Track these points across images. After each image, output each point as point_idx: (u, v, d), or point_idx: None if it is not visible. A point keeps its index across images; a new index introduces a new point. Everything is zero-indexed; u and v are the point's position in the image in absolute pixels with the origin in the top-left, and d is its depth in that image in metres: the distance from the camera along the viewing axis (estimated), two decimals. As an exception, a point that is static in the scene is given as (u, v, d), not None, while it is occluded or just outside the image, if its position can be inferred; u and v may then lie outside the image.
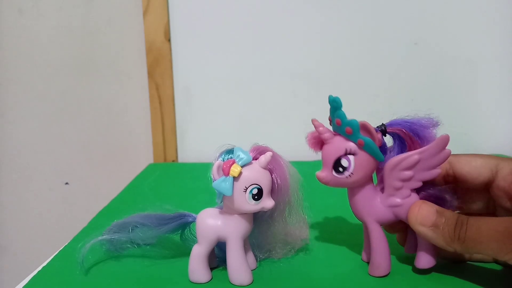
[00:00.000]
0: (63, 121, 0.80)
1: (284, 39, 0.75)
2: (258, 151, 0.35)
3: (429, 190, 0.35)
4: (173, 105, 0.76)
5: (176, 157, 0.78)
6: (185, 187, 0.63)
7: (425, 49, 0.74)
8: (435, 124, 0.35)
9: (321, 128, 0.35)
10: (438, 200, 0.35)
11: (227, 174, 0.33)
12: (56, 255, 0.42)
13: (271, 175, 0.35)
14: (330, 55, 0.75)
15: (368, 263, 0.38)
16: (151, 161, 0.79)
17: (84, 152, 0.81)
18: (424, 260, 0.36)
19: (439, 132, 0.35)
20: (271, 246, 0.39)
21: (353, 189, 0.36)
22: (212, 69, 0.76)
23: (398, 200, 0.35)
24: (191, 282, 0.36)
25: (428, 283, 0.35)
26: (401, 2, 0.73)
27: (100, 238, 0.39)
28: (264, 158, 0.34)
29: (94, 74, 0.78)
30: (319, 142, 0.36)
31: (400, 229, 0.39)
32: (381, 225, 0.36)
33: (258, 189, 0.34)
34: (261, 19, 0.74)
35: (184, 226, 0.39)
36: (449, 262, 0.38)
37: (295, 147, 0.74)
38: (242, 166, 0.34)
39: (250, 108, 0.77)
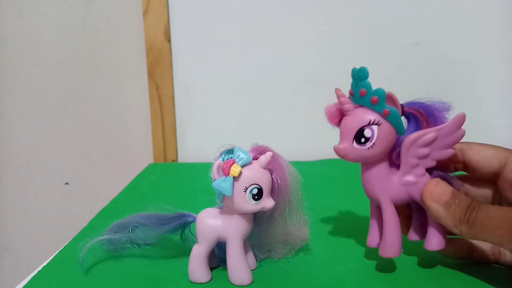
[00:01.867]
0: (63, 121, 0.80)
1: (284, 39, 0.75)
2: (258, 151, 0.35)
3: (441, 173, 0.35)
4: (173, 105, 0.76)
5: (176, 157, 0.78)
6: (185, 187, 0.63)
7: (425, 49, 0.74)
8: (448, 108, 0.36)
9: (343, 98, 0.34)
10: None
11: (227, 174, 0.33)
12: (56, 255, 0.42)
13: (271, 175, 0.35)
14: (330, 55, 0.75)
15: (375, 247, 0.37)
16: (151, 161, 0.79)
17: (84, 152, 0.81)
18: (435, 240, 0.35)
19: (451, 115, 0.35)
20: (271, 246, 0.39)
21: (368, 166, 0.35)
22: (212, 69, 0.76)
23: (413, 178, 0.35)
24: (191, 282, 0.36)
25: (432, 281, 0.35)
26: (401, 2, 0.73)
27: (100, 238, 0.39)
28: (264, 158, 0.34)
29: (94, 74, 0.78)
30: (338, 115, 0.35)
31: (405, 215, 0.38)
32: (394, 204, 0.35)
33: (258, 189, 0.34)
34: (261, 19, 0.74)
35: (184, 226, 0.39)
36: (453, 260, 0.38)
37: (295, 147, 0.74)
38: (242, 166, 0.34)
39: (250, 108, 0.77)
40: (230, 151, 0.35)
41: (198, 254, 0.36)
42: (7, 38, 0.78)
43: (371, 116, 0.34)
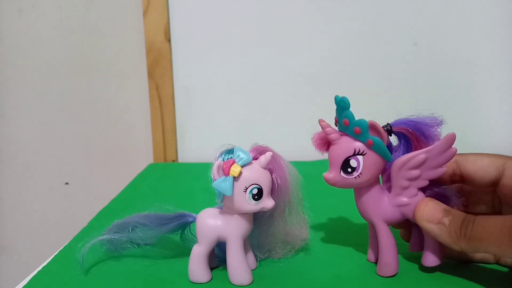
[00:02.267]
0: (63, 121, 0.80)
1: (284, 39, 0.75)
2: (258, 151, 0.35)
3: (435, 189, 0.35)
4: (173, 105, 0.76)
5: (176, 157, 0.78)
6: (185, 187, 0.63)
7: (425, 49, 0.74)
8: (439, 123, 0.35)
9: (328, 129, 0.35)
10: (443, 199, 0.35)
11: (227, 174, 0.33)
12: (56, 255, 0.42)
13: (271, 175, 0.35)
14: (330, 55, 0.75)
15: (374, 263, 0.38)
16: (151, 161, 0.79)
17: (84, 152, 0.81)
18: (431, 258, 0.36)
19: (443, 130, 0.35)
20: (271, 246, 0.39)
21: (360, 189, 0.36)
22: (212, 69, 0.76)
23: (405, 200, 0.35)
24: (191, 282, 0.36)
25: (432, 283, 0.35)
26: (401, 2, 0.73)
27: (100, 238, 0.39)
28: (264, 158, 0.34)
29: (94, 74, 0.78)
30: (325, 143, 0.36)
31: (404, 226, 0.39)
32: (388, 225, 0.36)
33: (258, 189, 0.34)
34: (261, 19, 0.74)
35: (184, 226, 0.39)
36: (454, 262, 0.38)
37: (295, 147, 0.74)
38: (242, 166, 0.34)
39: (250, 108, 0.77)
40: (230, 151, 0.35)
41: (198, 254, 0.36)
42: (7, 38, 0.78)
43: (356, 146, 0.34)
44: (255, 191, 0.34)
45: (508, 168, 0.34)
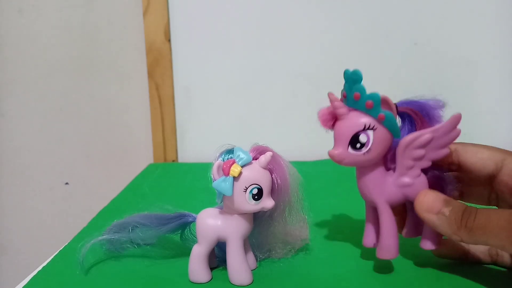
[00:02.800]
0: (63, 121, 0.80)
1: (284, 39, 0.75)
2: (258, 151, 0.35)
3: (436, 172, 0.35)
4: (173, 105, 0.76)
5: (176, 157, 0.78)
6: (185, 187, 0.63)
7: (425, 49, 0.74)
8: (442, 105, 0.35)
9: (337, 103, 0.33)
10: (440, 182, 0.35)
11: (227, 174, 0.33)
12: (56, 255, 0.42)
13: (271, 175, 0.35)
14: (330, 55, 0.75)
15: (372, 247, 0.37)
16: (151, 161, 0.79)
17: (84, 152, 0.81)
18: (430, 242, 0.35)
19: (446, 113, 0.35)
20: (271, 246, 0.39)
21: (364, 169, 0.35)
22: (212, 69, 0.76)
23: (408, 180, 0.34)
24: (191, 282, 0.36)
25: (431, 282, 0.35)
26: (401, 2, 0.73)
27: (100, 238, 0.39)
28: (264, 158, 0.34)
29: (94, 74, 0.78)
30: (331, 119, 0.34)
31: (399, 213, 0.38)
32: (390, 206, 0.35)
33: (258, 189, 0.34)
34: (262, 19, 0.74)
35: (184, 226, 0.39)
36: (448, 260, 0.38)
37: (295, 147, 0.74)
38: (242, 166, 0.34)
39: (250, 108, 0.77)
40: (230, 151, 0.35)
41: (198, 254, 0.36)
42: (7, 38, 0.78)
43: (366, 121, 0.33)
44: (255, 191, 0.34)
45: (506, 165, 0.33)
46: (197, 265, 0.36)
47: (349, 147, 0.33)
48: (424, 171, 0.35)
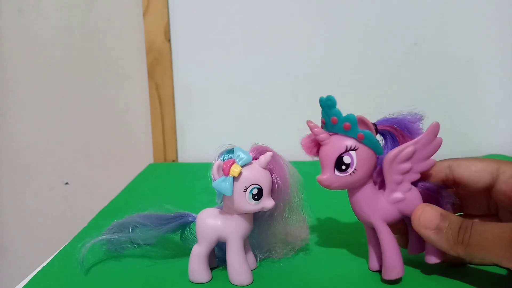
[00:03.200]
0: (63, 121, 0.80)
1: (284, 39, 0.75)
2: (258, 151, 0.35)
3: (427, 184, 0.35)
4: (173, 105, 0.76)
5: (176, 157, 0.78)
6: (185, 187, 0.63)
7: (425, 49, 0.74)
8: (420, 119, 0.35)
9: (316, 129, 0.34)
10: (435, 194, 0.35)
11: (227, 174, 0.33)
12: (56, 255, 0.42)
13: (271, 175, 0.35)
14: (329, 55, 0.75)
15: (377, 271, 0.37)
16: (151, 161, 0.79)
17: (84, 152, 0.81)
18: (434, 256, 0.35)
19: (425, 125, 0.35)
20: (271, 246, 0.39)
21: (355, 190, 0.35)
22: (212, 69, 0.76)
23: (400, 195, 0.35)
24: (191, 282, 0.36)
25: (432, 285, 0.35)
26: (401, 2, 0.73)
27: (100, 238, 0.39)
28: (264, 158, 0.34)
29: (94, 74, 0.78)
30: (314, 146, 0.35)
31: (401, 231, 0.38)
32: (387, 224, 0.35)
33: (258, 189, 0.34)
34: (261, 20, 0.74)
35: (184, 226, 0.39)
36: (449, 265, 0.38)
37: (295, 147, 0.74)
38: (242, 166, 0.34)
39: (250, 108, 0.77)
40: (230, 151, 0.35)
41: (198, 254, 0.36)
42: (7, 38, 0.78)
43: (347, 142, 0.34)
44: (255, 191, 0.34)
45: (502, 173, 0.33)
46: (197, 265, 0.36)
47: (335, 170, 0.34)
48: (417, 183, 0.35)
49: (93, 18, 0.77)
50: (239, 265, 0.35)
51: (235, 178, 0.34)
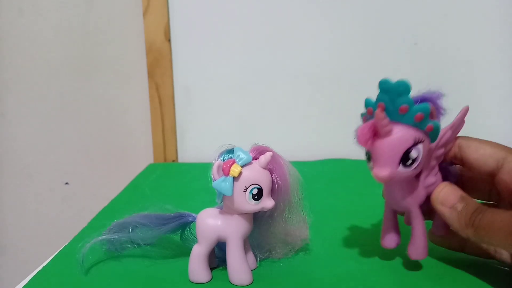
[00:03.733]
0: (63, 121, 0.80)
1: (284, 39, 0.75)
2: (258, 151, 0.35)
3: (442, 164, 0.36)
4: (173, 105, 0.76)
5: (176, 157, 0.78)
6: (185, 187, 0.63)
7: (425, 49, 0.74)
8: (441, 95, 0.35)
9: (385, 120, 0.31)
10: (444, 172, 0.36)
11: (227, 174, 0.33)
12: (56, 255, 0.42)
13: (271, 175, 0.35)
14: (330, 55, 0.75)
15: (393, 248, 0.37)
16: (151, 161, 0.79)
17: (84, 152, 0.81)
18: (440, 227, 0.37)
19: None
20: (271, 246, 0.39)
21: (399, 181, 0.33)
22: (212, 69, 0.76)
23: (433, 179, 0.35)
24: (191, 282, 0.36)
25: (429, 281, 0.35)
26: (401, 2, 0.73)
27: (100, 238, 0.39)
28: (264, 158, 0.34)
29: (94, 74, 0.78)
30: (371, 136, 0.31)
31: (424, 212, 0.37)
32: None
33: (258, 189, 0.34)
34: (261, 19, 0.74)
35: (184, 226, 0.39)
36: (448, 260, 0.38)
37: (295, 147, 0.74)
38: (242, 166, 0.34)
39: (250, 108, 0.77)
40: (230, 151, 0.35)
41: (198, 254, 0.36)
42: (7, 38, 0.78)
43: (416, 135, 0.31)
44: (255, 191, 0.34)
45: (507, 163, 0.33)
46: (197, 265, 0.36)
47: (400, 165, 0.31)
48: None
49: (93, 18, 0.77)
50: (239, 265, 0.35)
51: (235, 178, 0.34)
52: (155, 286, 0.36)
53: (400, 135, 0.31)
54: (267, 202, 0.34)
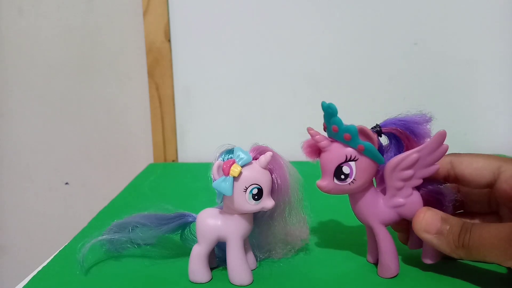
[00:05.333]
0: (63, 121, 0.80)
1: (284, 39, 0.75)
2: (258, 151, 0.35)
3: (429, 186, 0.35)
4: (173, 105, 0.76)
5: (176, 157, 0.78)
6: (185, 187, 0.63)
7: (425, 49, 0.74)
8: (428, 120, 0.35)
9: (317, 137, 0.34)
10: (439, 196, 0.35)
11: (227, 174, 0.33)
12: (56, 255, 0.42)
13: (271, 175, 0.35)
14: (330, 55, 0.75)
15: (374, 264, 0.38)
16: (151, 161, 0.79)
17: (84, 152, 0.81)
18: (430, 255, 0.36)
19: (433, 127, 0.35)
20: (271, 246, 0.39)
21: (355, 195, 0.35)
22: (212, 69, 0.76)
23: (401, 200, 0.35)
24: (191, 282, 0.36)
25: (432, 283, 0.35)
26: (401, 2, 0.73)
27: (100, 238, 0.39)
28: (264, 158, 0.34)
29: (94, 74, 0.78)
30: (316, 150, 0.35)
31: (402, 229, 0.39)
32: (386, 226, 0.36)
33: (258, 189, 0.34)
34: (261, 20, 0.74)
35: (184, 226, 0.39)
36: (447, 261, 0.38)
37: (295, 147, 0.74)
38: (242, 166, 0.34)
39: (250, 108, 0.77)
40: (230, 151, 0.35)
41: (198, 254, 0.36)
42: (7, 38, 0.78)
43: (347, 152, 0.33)
44: (255, 191, 0.34)
45: (503, 172, 0.33)
46: (197, 265, 0.36)
47: (334, 179, 0.34)
48: (419, 186, 0.35)
49: (93, 18, 0.77)
50: (239, 265, 0.35)
51: (235, 178, 0.34)
52: (155, 286, 0.36)
53: (333, 151, 0.34)
54: (267, 202, 0.34)
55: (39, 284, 0.37)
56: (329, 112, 0.33)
